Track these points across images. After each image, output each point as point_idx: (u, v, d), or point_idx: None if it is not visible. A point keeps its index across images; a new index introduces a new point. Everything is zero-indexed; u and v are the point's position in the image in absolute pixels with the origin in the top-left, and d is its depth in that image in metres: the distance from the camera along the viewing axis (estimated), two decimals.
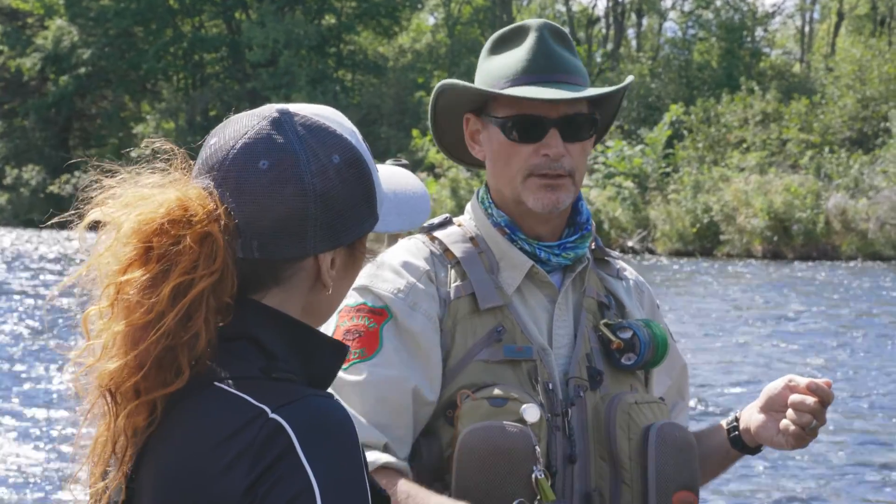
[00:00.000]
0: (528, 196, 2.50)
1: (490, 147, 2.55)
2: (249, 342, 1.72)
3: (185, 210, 1.68)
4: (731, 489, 9.24)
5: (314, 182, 1.72)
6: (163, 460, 1.68)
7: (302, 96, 46.62)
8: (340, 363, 1.83)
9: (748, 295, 22.65)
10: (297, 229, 1.72)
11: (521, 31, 2.56)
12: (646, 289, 2.76)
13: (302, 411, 1.64)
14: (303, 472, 1.59)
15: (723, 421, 2.68)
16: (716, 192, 34.67)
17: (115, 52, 58.23)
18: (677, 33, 52.04)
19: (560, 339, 2.52)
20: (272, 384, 1.68)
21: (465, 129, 2.60)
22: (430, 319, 2.46)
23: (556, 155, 2.48)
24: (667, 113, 38.25)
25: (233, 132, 1.76)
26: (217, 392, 1.67)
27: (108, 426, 1.70)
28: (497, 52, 2.57)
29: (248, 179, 1.71)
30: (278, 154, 1.72)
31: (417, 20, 59.26)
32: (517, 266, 2.53)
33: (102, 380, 1.68)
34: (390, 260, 2.52)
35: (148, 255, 1.67)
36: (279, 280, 1.76)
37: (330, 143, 1.76)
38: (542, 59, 2.51)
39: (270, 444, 1.60)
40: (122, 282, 1.67)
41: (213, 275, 1.67)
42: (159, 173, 1.75)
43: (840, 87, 39.79)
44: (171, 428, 1.68)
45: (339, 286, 1.82)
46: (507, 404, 2.36)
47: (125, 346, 1.67)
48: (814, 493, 9.28)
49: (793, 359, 15.17)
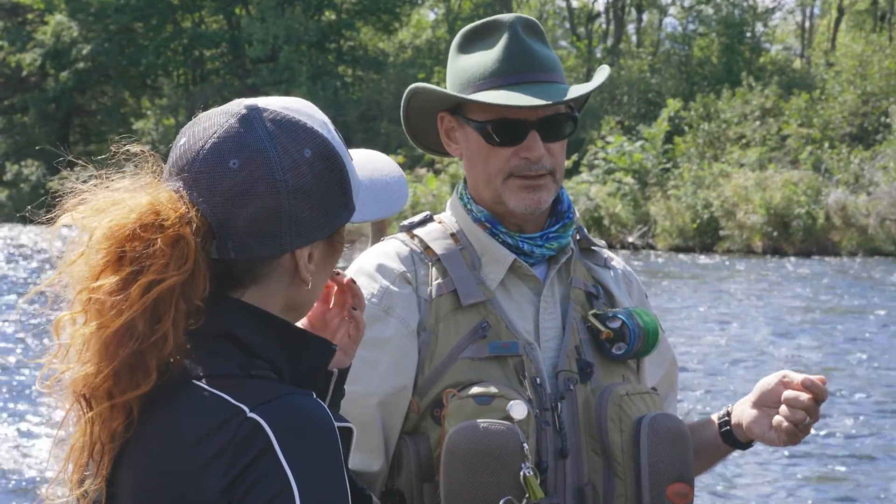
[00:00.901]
0: (510, 197, 2.48)
1: (468, 147, 2.52)
2: (228, 340, 1.71)
3: (156, 214, 1.67)
4: (721, 483, 9.23)
5: (286, 178, 1.70)
6: (141, 460, 1.67)
7: (302, 92, 46.56)
8: (327, 360, 1.82)
9: (748, 290, 22.63)
10: (272, 227, 1.70)
11: (493, 26, 2.51)
12: (633, 278, 2.74)
13: (281, 410, 1.62)
14: (281, 472, 1.58)
15: (714, 415, 2.66)
16: (716, 187, 34.62)
17: (115, 48, 58.15)
18: (677, 29, 51.99)
19: (548, 331, 2.50)
20: (251, 382, 1.67)
21: (439, 127, 2.56)
22: (403, 324, 2.43)
23: (537, 157, 2.45)
24: (664, 108, 38.19)
25: (201, 131, 1.73)
26: (195, 391, 1.66)
27: (84, 431, 1.68)
28: (469, 49, 2.52)
29: (218, 180, 1.69)
30: (248, 152, 1.70)
31: (417, 16, 59.17)
32: (499, 260, 2.51)
33: (76, 386, 1.67)
34: (365, 264, 2.50)
35: (120, 261, 1.66)
36: (257, 278, 1.74)
37: (300, 137, 1.74)
38: (519, 58, 2.46)
39: (249, 443, 1.59)
40: (94, 287, 1.66)
41: (183, 274, 1.65)
42: (130, 177, 1.73)
43: (840, 83, 39.74)
44: (150, 428, 1.67)
45: (318, 279, 1.80)
46: (493, 402, 2.34)
47: (96, 349, 1.66)
48: (812, 487, 9.28)
49: (792, 354, 15.15)
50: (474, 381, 2.39)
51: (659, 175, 36.67)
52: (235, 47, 56.78)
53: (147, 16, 57.87)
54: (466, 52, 2.53)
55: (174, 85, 59.29)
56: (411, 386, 2.42)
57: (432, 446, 2.39)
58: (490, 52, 2.48)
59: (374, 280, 2.46)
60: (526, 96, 2.41)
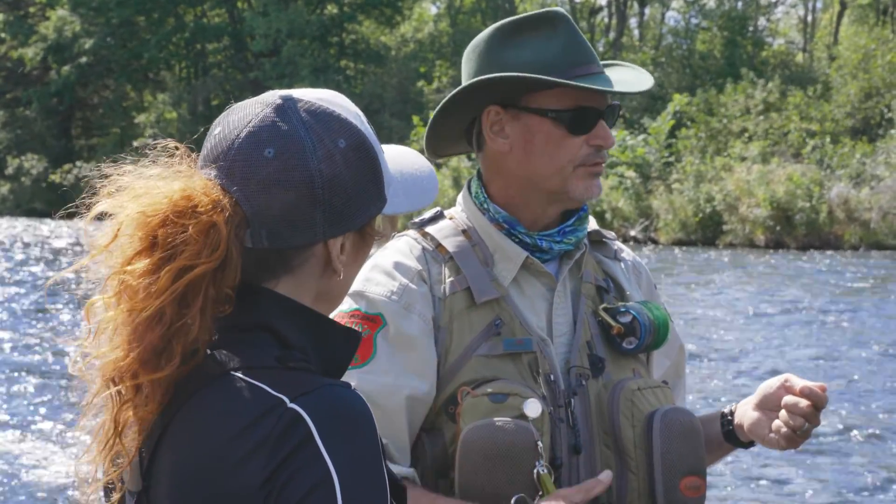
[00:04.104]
0: (577, 185, 2.48)
1: (529, 139, 2.48)
2: (264, 331, 1.71)
3: (189, 201, 1.67)
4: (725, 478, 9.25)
5: (321, 168, 1.71)
6: (180, 451, 1.66)
7: (304, 86, 45.59)
8: (353, 351, 1.82)
9: (750, 284, 22.62)
10: (306, 216, 1.71)
11: (544, 20, 2.49)
12: (643, 269, 2.74)
13: (320, 401, 1.62)
14: (322, 462, 1.58)
15: (717, 412, 2.68)
16: (718, 181, 34.61)
17: (118, 42, 58.19)
18: (680, 23, 51.94)
19: (560, 327, 2.50)
20: (289, 373, 1.67)
21: (484, 121, 2.52)
22: (424, 321, 2.43)
23: (610, 144, 2.48)
24: (670, 103, 38.17)
25: (237, 121, 1.74)
26: (233, 382, 1.66)
27: (112, 416, 1.69)
28: (517, 42, 2.48)
29: (254, 168, 1.70)
30: (284, 141, 1.71)
31: (420, 9, 59.14)
32: (512, 257, 2.51)
33: (106, 370, 1.68)
34: (382, 262, 2.50)
35: (153, 247, 1.67)
36: (290, 268, 1.75)
37: (335, 127, 1.75)
38: (584, 49, 2.48)
39: (289, 433, 1.59)
40: (126, 271, 1.66)
41: (214, 262, 1.66)
42: (164, 164, 1.74)
43: (843, 77, 39.71)
44: (188, 418, 1.67)
45: (349, 270, 1.81)
46: (507, 400, 2.34)
47: (126, 333, 1.67)
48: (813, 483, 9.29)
49: (794, 348, 15.15)
50: (489, 378, 2.39)
51: (661, 169, 36.66)
52: (238, 41, 56.80)
53: (149, 9, 57.89)
54: (515, 45, 2.48)
55: (176, 79, 59.33)
56: (435, 387, 2.42)
57: (447, 443, 2.40)
58: (552, 44, 2.46)
59: (392, 278, 2.46)
60: (601, 80, 2.45)
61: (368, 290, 2.45)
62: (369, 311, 2.44)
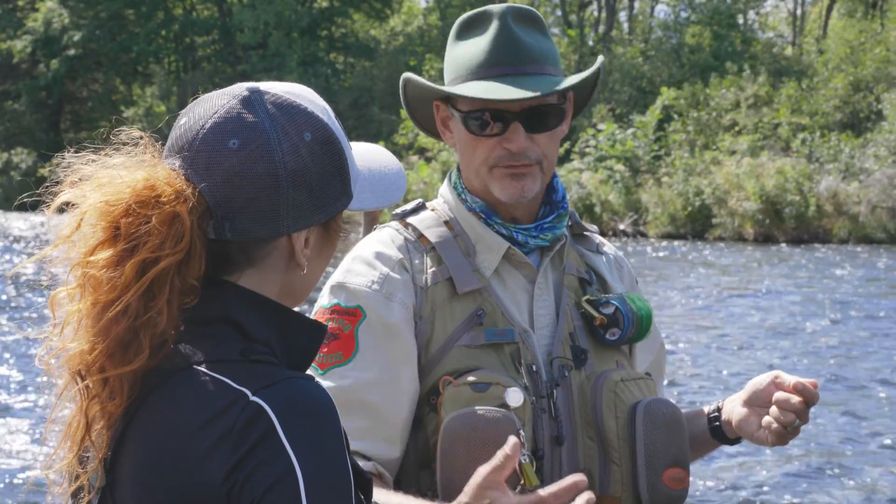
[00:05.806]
0: (495, 186, 2.48)
1: (458, 137, 2.53)
2: (227, 325, 1.70)
3: (152, 190, 1.66)
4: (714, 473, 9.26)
5: (286, 160, 1.70)
6: (143, 445, 1.66)
7: (293, 79, 46.46)
8: (319, 344, 1.82)
9: (739, 278, 22.66)
10: (270, 209, 1.70)
11: (483, 17, 2.51)
12: (625, 263, 2.75)
13: (283, 393, 1.62)
14: (284, 455, 1.58)
15: (705, 408, 2.67)
16: (707, 175, 34.68)
17: (106, 35, 58.08)
18: (669, 16, 51.97)
19: (542, 319, 2.50)
20: (251, 367, 1.66)
21: (436, 115, 2.57)
22: (405, 308, 2.43)
23: (518, 149, 2.45)
24: (659, 97, 38.21)
25: (202, 112, 1.73)
26: (195, 375, 1.65)
27: (81, 410, 1.68)
28: (462, 39, 2.53)
29: (218, 159, 1.69)
30: (249, 133, 1.70)
31: (409, 3, 59.12)
32: (493, 248, 2.51)
33: (72, 363, 1.67)
34: (363, 252, 2.49)
35: (115, 237, 1.65)
36: (253, 261, 1.74)
37: (301, 120, 1.74)
38: (505, 50, 2.46)
39: (251, 426, 1.59)
40: (89, 262, 1.65)
41: (178, 254, 1.65)
42: (127, 154, 1.73)
43: (831, 70, 39.77)
44: (151, 412, 1.66)
45: (314, 265, 1.80)
46: (489, 389, 2.34)
47: (91, 326, 1.65)
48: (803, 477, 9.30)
49: (783, 342, 15.19)
50: (471, 368, 2.39)
51: (650, 163, 36.70)
52: (226, 34, 56.72)
53: (138, 3, 57.82)
54: (460, 42, 2.53)
55: (165, 72, 59.21)
56: (417, 371, 2.42)
57: (429, 434, 2.39)
58: (478, 43, 2.48)
59: (373, 267, 2.46)
60: (508, 88, 2.41)
61: (349, 281, 2.45)
62: (348, 304, 2.43)
